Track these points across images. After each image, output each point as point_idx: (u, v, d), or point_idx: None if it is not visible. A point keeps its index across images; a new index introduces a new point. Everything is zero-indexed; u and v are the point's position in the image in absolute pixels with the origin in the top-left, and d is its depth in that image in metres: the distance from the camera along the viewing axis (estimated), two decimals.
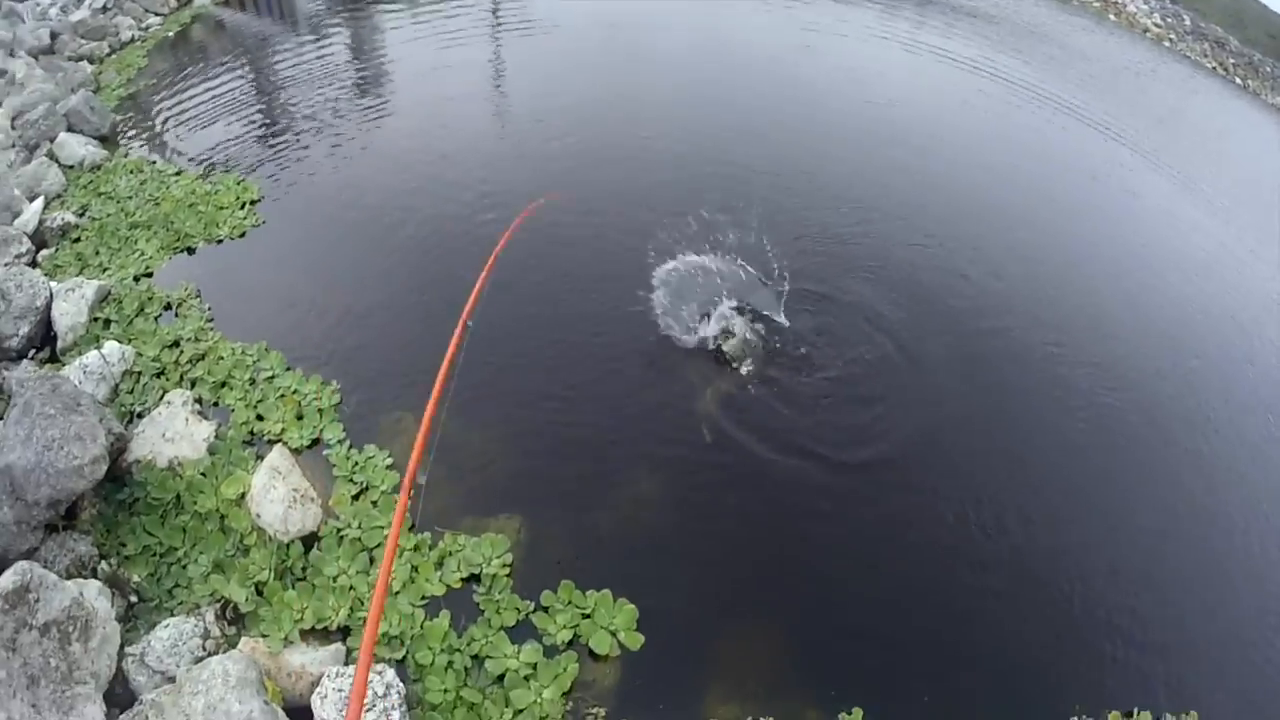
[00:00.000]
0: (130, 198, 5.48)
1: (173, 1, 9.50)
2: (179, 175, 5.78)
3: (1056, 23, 16.67)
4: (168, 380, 3.95)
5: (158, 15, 9.24)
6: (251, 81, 7.73)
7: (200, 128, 6.64)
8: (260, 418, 3.79)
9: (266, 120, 6.85)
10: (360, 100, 7.35)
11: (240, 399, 3.87)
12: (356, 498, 3.46)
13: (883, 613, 3.45)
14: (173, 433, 3.55)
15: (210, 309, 4.45)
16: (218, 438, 3.62)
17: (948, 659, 3.33)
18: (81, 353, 3.97)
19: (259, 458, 3.52)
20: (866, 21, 12.45)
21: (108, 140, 6.33)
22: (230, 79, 7.68)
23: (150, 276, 4.73)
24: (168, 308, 4.47)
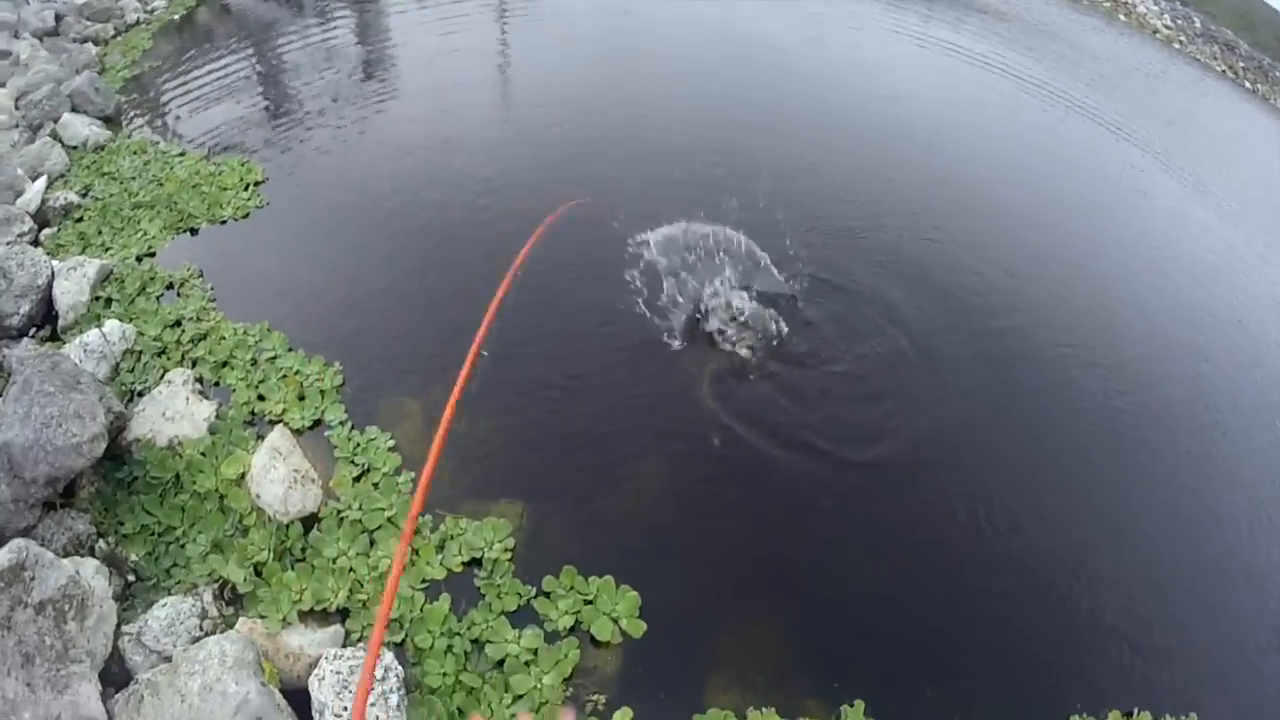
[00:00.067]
0: (134, 178, 5.44)
1: None
2: (183, 156, 5.74)
3: (1067, 21, 16.53)
4: (169, 359, 3.92)
5: None
6: (256, 64, 7.69)
7: (205, 110, 6.60)
8: (261, 398, 3.75)
9: (271, 103, 6.80)
10: (365, 84, 7.30)
11: (241, 379, 3.83)
12: (358, 479, 3.42)
13: (885, 608, 3.41)
14: (173, 412, 3.52)
15: (212, 289, 4.41)
16: (218, 417, 3.59)
17: (950, 656, 3.30)
18: (82, 331, 3.93)
19: (260, 438, 3.48)
20: (874, 14, 12.37)
21: (112, 121, 6.28)
22: (235, 62, 7.63)
23: (153, 256, 4.70)
24: (170, 287, 4.43)
